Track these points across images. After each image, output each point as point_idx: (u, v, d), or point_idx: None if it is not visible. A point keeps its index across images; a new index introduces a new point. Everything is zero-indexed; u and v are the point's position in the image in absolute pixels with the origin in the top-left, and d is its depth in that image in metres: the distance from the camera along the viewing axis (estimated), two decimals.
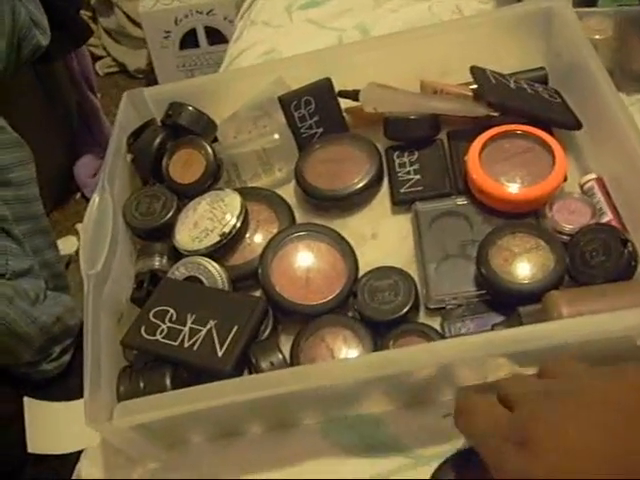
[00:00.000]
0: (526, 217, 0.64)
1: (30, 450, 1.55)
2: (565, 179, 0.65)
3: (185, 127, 0.73)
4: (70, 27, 1.56)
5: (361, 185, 0.70)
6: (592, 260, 0.57)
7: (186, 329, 0.59)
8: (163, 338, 0.59)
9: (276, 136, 0.71)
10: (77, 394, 0.60)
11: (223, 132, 0.76)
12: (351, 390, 0.56)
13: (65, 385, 1.48)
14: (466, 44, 0.73)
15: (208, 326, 0.59)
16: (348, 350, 0.59)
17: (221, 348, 0.57)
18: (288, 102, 0.73)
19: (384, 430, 0.57)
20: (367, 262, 0.65)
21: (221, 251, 0.67)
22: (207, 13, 1.90)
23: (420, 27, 0.81)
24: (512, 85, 0.70)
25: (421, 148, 0.71)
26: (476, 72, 0.71)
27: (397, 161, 0.71)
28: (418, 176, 0.69)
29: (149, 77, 2.18)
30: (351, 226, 0.70)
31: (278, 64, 0.83)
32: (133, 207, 0.70)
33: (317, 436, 0.58)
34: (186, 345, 0.58)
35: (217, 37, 1.96)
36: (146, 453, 0.60)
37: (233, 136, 0.74)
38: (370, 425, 0.57)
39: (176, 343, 0.58)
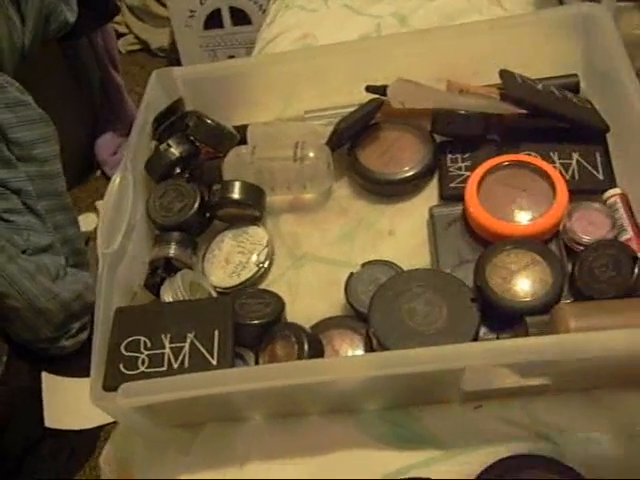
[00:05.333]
0: None
1: (47, 425, 1.57)
2: None
3: (204, 142, 0.72)
4: (97, 4, 1.56)
5: (412, 173, 0.71)
6: (601, 275, 0.57)
7: (167, 350, 0.57)
8: (147, 368, 0.56)
9: (311, 154, 0.70)
10: None
11: (255, 135, 0.75)
12: (362, 386, 0.56)
13: (83, 362, 1.49)
14: (501, 45, 0.73)
15: (188, 340, 0.57)
16: (354, 352, 0.60)
17: (213, 356, 0.56)
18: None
19: (415, 423, 0.57)
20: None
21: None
22: None
23: (456, 25, 0.81)
24: (539, 87, 0.70)
25: (475, 146, 0.71)
26: (504, 74, 0.70)
27: (449, 156, 0.71)
28: (469, 173, 0.68)
29: (171, 56, 2.17)
30: (403, 210, 0.70)
31: (312, 51, 0.83)
32: (158, 195, 0.69)
33: (346, 426, 0.58)
34: (175, 366, 0.56)
35: (241, 18, 1.95)
36: (150, 432, 0.61)
37: (268, 144, 0.73)
38: (401, 417, 0.57)
39: (164, 368, 0.56)
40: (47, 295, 1.35)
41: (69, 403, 1.50)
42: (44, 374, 1.52)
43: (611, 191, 0.65)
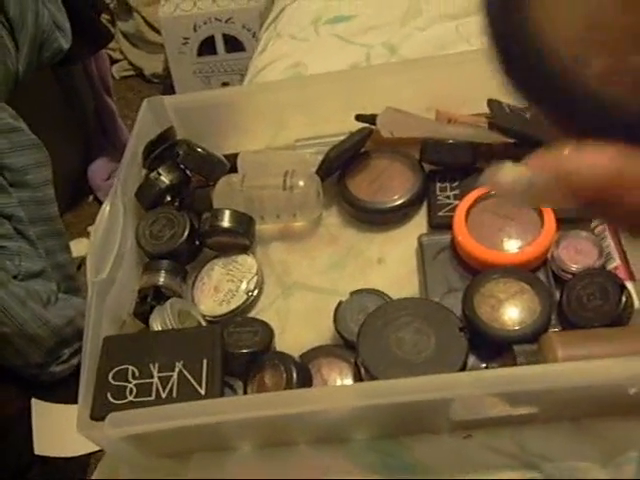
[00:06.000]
0: None
1: (36, 452, 1.55)
2: None
3: (194, 171, 0.73)
4: (91, 31, 1.57)
5: (401, 202, 0.71)
6: (589, 304, 0.58)
7: (155, 380, 0.57)
8: (135, 397, 0.56)
9: (301, 183, 0.70)
10: None
11: (246, 164, 0.76)
12: (350, 415, 0.56)
13: (74, 388, 1.48)
14: (489, 75, 0.73)
15: (177, 369, 0.57)
16: (343, 381, 0.60)
17: (201, 386, 0.56)
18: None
19: (404, 452, 0.57)
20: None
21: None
22: (226, 21, 1.91)
23: (445, 55, 0.82)
24: (527, 116, 0.70)
25: (464, 175, 0.71)
26: (492, 103, 0.71)
27: (438, 184, 0.71)
28: (457, 201, 0.69)
29: (165, 82, 2.19)
30: (392, 239, 0.71)
31: (303, 80, 0.84)
32: (149, 223, 0.70)
33: (336, 456, 0.58)
34: (164, 396, 0.56)
35: (234, 45, 1.97)
36: (137, 462, 0.60)
37: (258, 172, 0.74)
38: (390, 447, 0.57)
39: (152, 397, 0.56)
40: (38, 321, 1.35)
41: (59, 430, 1.49)
42: (34, 400, 1.51)
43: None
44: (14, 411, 1.54)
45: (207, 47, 1.98)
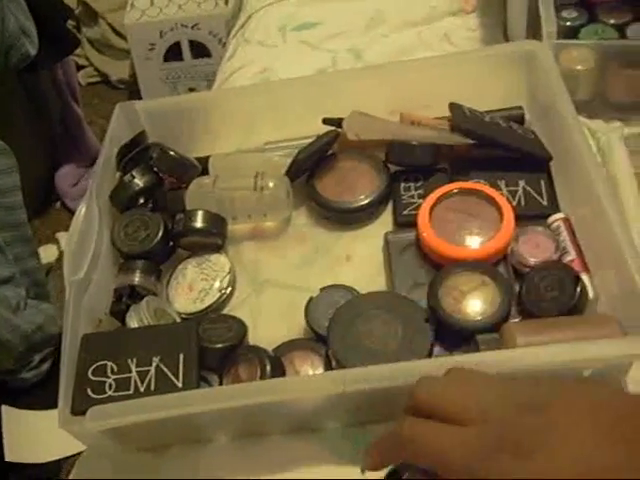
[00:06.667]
0: None
1: (8, 459, 1.54)
2: None
3: (167, 173, 0.74)
4: (58, 37, 1.58)
5: (368, 201, 0.74)
6: (546, 294, 0.61)
7: (134, 374, 0.59)
8: (114, 392, 0.58)
9: (271, 184, 0.73)
10: (56, 403, 0.61)
11: (217, 166, 0.77)
12: (323, 404, 0.58)
13: (44, 394, 1.48)
14: (450, 79, 0.77)
15: (154, 364, 0.59)
16: (315, 373, 0.62)
17: (178, 379, 0.58)
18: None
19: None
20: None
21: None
22: (192, 27, 1.92)
23: (408, 60, 0.85)
24: (487, 119, 0.74)
25: (427, 175, 0.74)
26: (454, 107, 0.74)
27: (403, 184, 0.74)
28: (421, 200, 0.71)
29: (131, 88, 2.19)
30: (359, 237, 0.74)
31: (271, 85, 0.86)
32: (123, 224, 0.71)
33: (309, 444, 0.60)
34: (142, 390, 0.58)
35: (201, 51, 1.98)
36: (116, 456, 0.62)
37: (229, 174, 0.76)
38: (361, 435, 0.60)
39: (131, 391, 0.58)
40: (7, 327, 1.34)
41: (30, 436, 1.49)
42: (4, 407, 1.51)
43: (555, 216, 0.68)
44: None
45: (173, 53, 2.00)
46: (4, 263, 1.42)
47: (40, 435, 1.47)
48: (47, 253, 1.82)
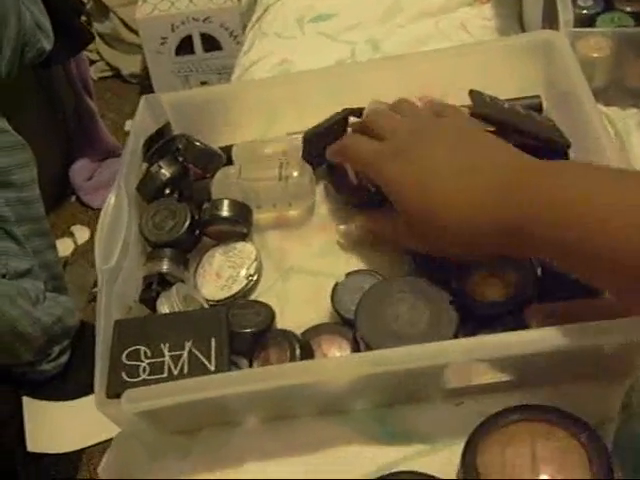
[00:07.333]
0: None
1: (29, 449, 1.57)
2: None
3: (193, 164, 0.76)
4: (72, 32, 1.59)
5: None
6: (568, 277, 0.60)
7: (167, 359, 0.60)
8: (149, 375, 0.59)
9: (295, 173, 0.74)
10: (74, 394, 0.63)
11: (240, 155, 0.79)
12: (352, 386, 0.60)
13: (62, 385, 1.50)
14: (467, 70, 0.78)
15: (187, 348, 0.60)
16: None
17: (210, 362, 0.60)
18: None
19: (401, 420, 0.61)
20: None
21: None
22: (204, 20, 1.94)
23: (427, 51, 0.86)
24: (506, 106, 0.75)
25: None
26: (473, 93, 0.75)
27: None
28: None
29: (143, 82, 2.21)
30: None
31: (291, 77, 0.88)
32: (151, 214, 0.73)
33: (337, 425, 0.62)
34: (175, 373, 0.59)
35: (212, 44, 2.00)
36: (151, 438, 0.64)
37: (254, 164, 0.77)
38: (388, 415, 0.61)
39: (165, 375, 0.59)
40: (29, 319, 1.36)
41: (51, 427, 1.51)
42: (25, 399, 1.53)
43: None
44: (5, 411, 1.55)
45: (185, 47, 2.01)
46: (23, 256, 1.44)
47: (60, 426, 1.49)
48: (62, 246, 1.84)
